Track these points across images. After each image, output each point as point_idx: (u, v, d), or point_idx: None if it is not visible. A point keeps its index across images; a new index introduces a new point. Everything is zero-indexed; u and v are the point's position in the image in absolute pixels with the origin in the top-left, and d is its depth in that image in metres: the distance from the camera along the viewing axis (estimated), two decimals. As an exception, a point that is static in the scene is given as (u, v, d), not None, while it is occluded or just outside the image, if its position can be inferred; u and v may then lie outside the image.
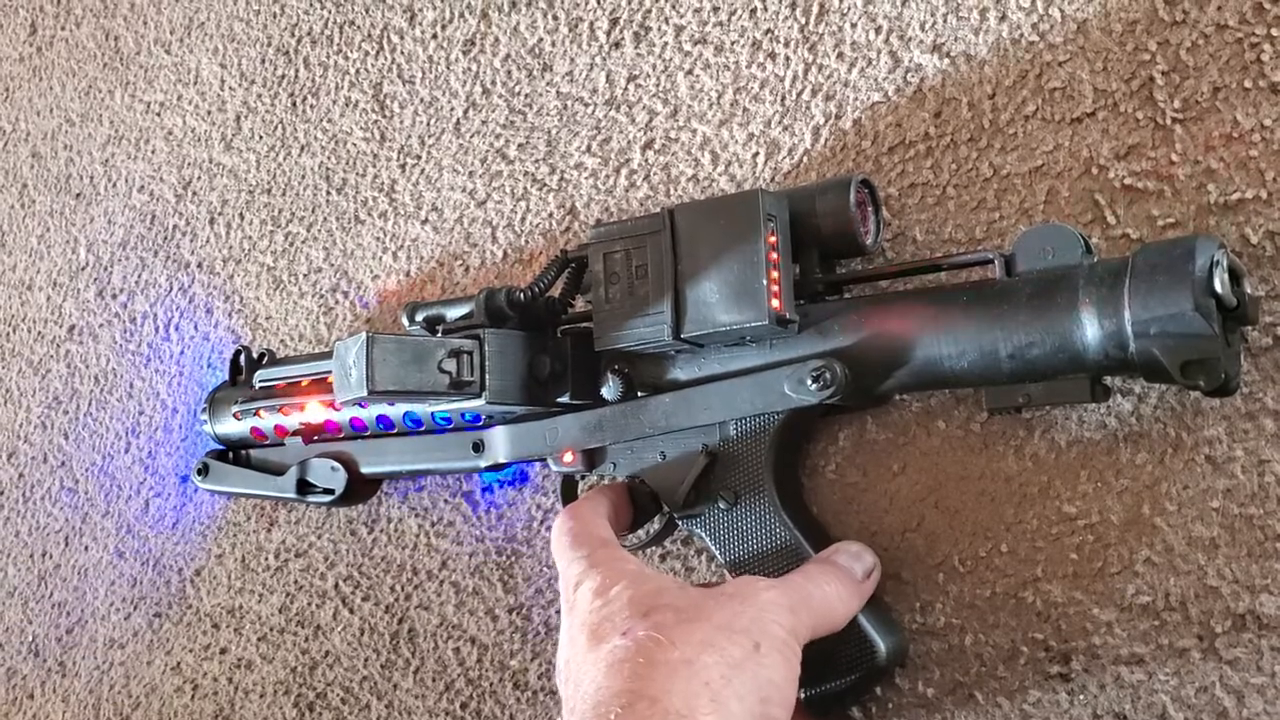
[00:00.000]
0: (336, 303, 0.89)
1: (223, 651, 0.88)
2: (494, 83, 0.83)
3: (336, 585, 0.84)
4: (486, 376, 0.64)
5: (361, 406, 0.74)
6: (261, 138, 0.96)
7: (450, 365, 0.63)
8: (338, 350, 0.63)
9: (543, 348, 0.67)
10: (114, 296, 1.02)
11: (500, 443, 0.71)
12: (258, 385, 0.81)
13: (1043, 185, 0.62)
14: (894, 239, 0.66)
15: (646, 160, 0.76)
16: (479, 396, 0.64)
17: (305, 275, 0.91)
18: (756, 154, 0.71)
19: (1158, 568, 0.57)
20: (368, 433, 0.77)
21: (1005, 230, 0.63)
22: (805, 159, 0.70)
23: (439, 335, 0.67)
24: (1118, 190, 0.60)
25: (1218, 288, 0.51)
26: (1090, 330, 0.53)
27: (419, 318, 0.70)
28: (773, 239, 0.60)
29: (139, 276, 1.01)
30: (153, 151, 1.03)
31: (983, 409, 0.61)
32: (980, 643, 0.61)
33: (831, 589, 0.57)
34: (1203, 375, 0.51)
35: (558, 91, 0.80)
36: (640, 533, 0.68)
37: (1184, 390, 0.57)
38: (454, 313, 0.69)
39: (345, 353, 0.63)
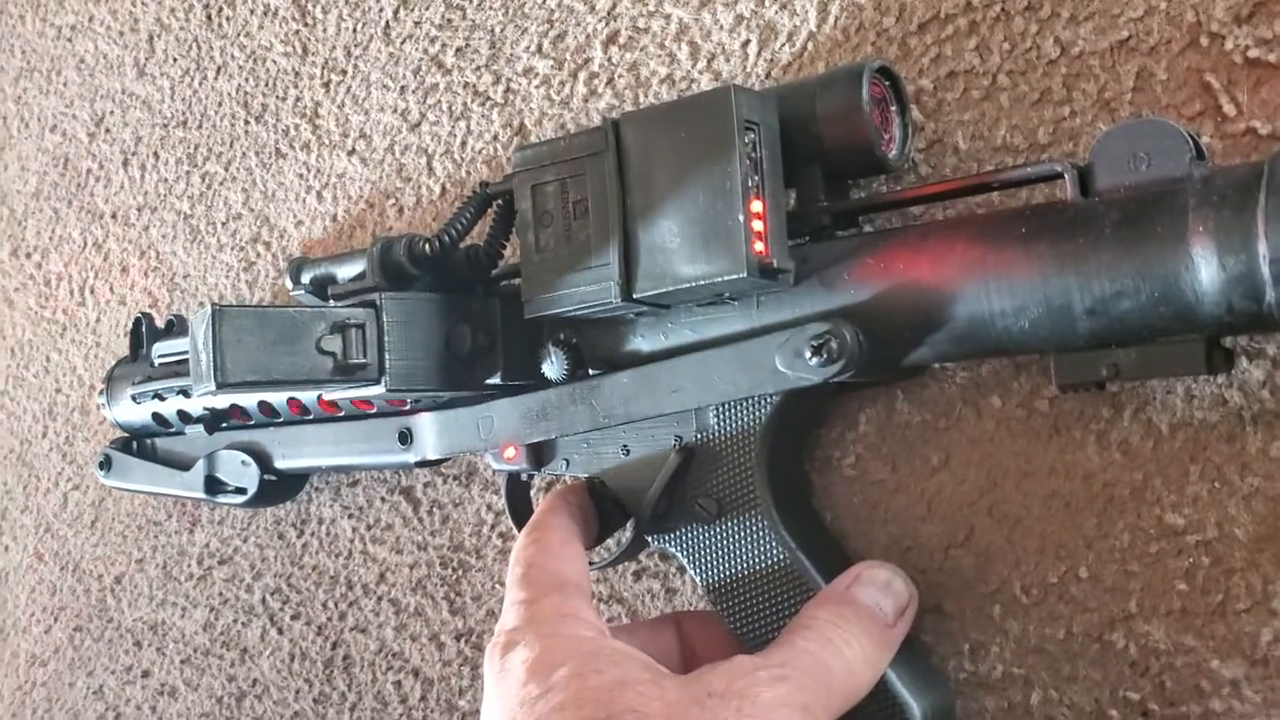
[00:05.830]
0: (258, 255, 0.74)
1: (145, 675, 0.75)
2: (427, -26, 0.67)
3: (264, 599, 0.70)
4: (386, 356, 0.49)
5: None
6: (175, 60, 0.81)
7: (334, 344, 0.48)
8: (191, 327, 0.48)
9: (465, 314, 0.51)
10: (28, 255, 0.89)
11: (429, 432, 0.56)
12: (156, 361, 0.67)
13: (1130, 66, 0.46)
14: (928, 149, 0.50)
15: (610, 59, 0.59)
16: (377, 382, 0.49)
17: (224, 223, 0.76)
18: (747, 42, 0.55)
19: (1305, 604, 0.41)
20: (280, 420, 0.62)
21: (1079, 132, 0.47)
22: (810, 46, 0.53)
23: (331, 303, 0.51)
24: (1238, 67, 0.44)
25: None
26: (1206, 272, 0.38)
27: (304, 279, 0.54)
28: (753, 155, 0.43)
29: (53, 230, 0.87)
30: (64, 84, 0.89)
31: (1052, 382, 0.44)
32: (1051, 702, 0.46)
33: (854, 652, 0.42)
34: (1378, 335, 0.35)
35: (501, -21, 0.64)
36: (603, 549, 0.53)
37: (1343, 353, 0.40)
38: (347, 270, 0.53)
39: (195, 331, 0.47)
